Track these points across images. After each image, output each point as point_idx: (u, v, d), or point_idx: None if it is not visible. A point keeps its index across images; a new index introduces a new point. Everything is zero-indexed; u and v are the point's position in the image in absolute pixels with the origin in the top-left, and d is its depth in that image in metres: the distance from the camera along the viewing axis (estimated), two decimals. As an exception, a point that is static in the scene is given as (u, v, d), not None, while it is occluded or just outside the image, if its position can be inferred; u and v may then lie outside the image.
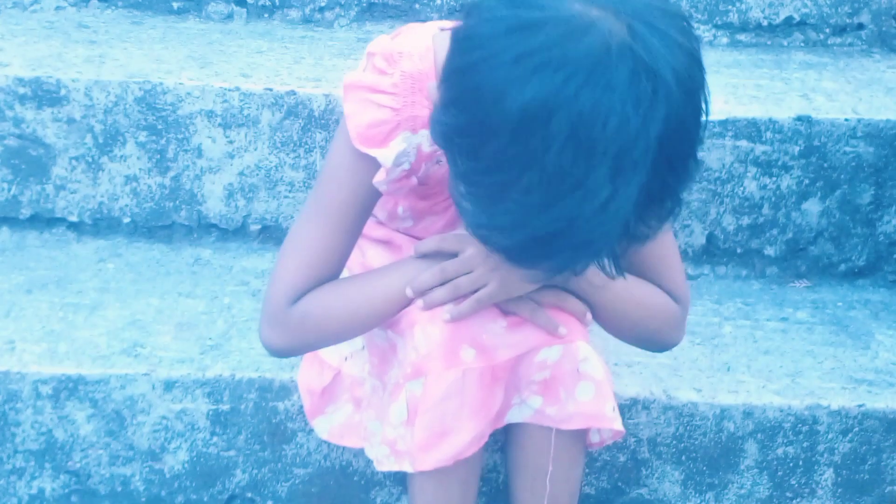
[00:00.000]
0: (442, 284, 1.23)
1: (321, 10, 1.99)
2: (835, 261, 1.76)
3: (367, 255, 1.43)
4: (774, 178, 1.71)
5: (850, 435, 1.47)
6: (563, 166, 0.94)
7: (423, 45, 1.20)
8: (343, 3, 1.98)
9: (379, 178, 1.24)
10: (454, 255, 1.23)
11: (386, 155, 1.22)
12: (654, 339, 1.32)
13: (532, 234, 0.99)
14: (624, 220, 0.97)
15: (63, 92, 1.69)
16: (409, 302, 1.25)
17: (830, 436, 1.47)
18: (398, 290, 1.25)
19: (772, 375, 1.52)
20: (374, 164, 1.23)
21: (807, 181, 1.71)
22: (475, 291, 1.22)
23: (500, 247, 1.04)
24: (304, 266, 1.26)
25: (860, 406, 1.47)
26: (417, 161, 1.25)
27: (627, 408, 1.46)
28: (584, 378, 1.24)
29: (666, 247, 1.31)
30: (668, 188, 1.00)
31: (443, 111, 1.03)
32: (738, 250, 1.76)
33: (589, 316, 1.27)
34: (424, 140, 1.23)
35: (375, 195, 1.27)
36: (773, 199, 1.72)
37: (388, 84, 1.21)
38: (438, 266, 1.23)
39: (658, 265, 1.30)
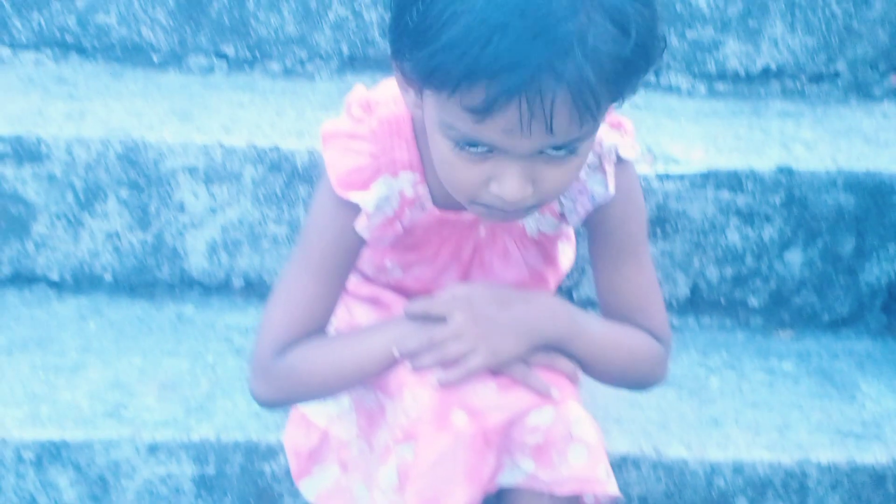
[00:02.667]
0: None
1: (302, 62, 1.99)
2: (818, 310, 1.76)
3: (354, 314, 1.42)
4: (756, 229, 1.72)
5: (839, 489, 1.47)
6: None
7: (398, 91, 1.21)
8: (324, 55, 1.98)
9: (361, 223, 1.25)
10: (442, 318, 1.23)
11: (366, 199, 1.23)
12: (641, 382, 1.36)
13: (487, 26, 0.99)
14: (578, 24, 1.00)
15: (43, 149, 1.68)
16: (395, 362, 1.24)
17: (820, 491, 1.47)
18: (385, 349, 1.24)
19: (760, 429, 1.51)
20: (357, 211, 1.24)
21: (789, 231, 1.72)
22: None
23: (462, 68, 1.02)
24: (289, 317, 1.27)
25: (849, 461, 1.47)
26: (400, 207, 1.26)
27: (617, 465, 1.45)
28: (576, 441, 1.23)
29: (647, 287, 1.32)
30: (632, 18, 1.02)
31: None
32: (722, 301, 1.76)
33: (579, 374, 1.27)
34: (406, 184, 1.25)
35: (359, 243, 1.27)
36: (756, 249, 1.73)
37: (365, 130, 1.24)
38: (427, 334, 1.22)
39: (641, 304, 1.31)
